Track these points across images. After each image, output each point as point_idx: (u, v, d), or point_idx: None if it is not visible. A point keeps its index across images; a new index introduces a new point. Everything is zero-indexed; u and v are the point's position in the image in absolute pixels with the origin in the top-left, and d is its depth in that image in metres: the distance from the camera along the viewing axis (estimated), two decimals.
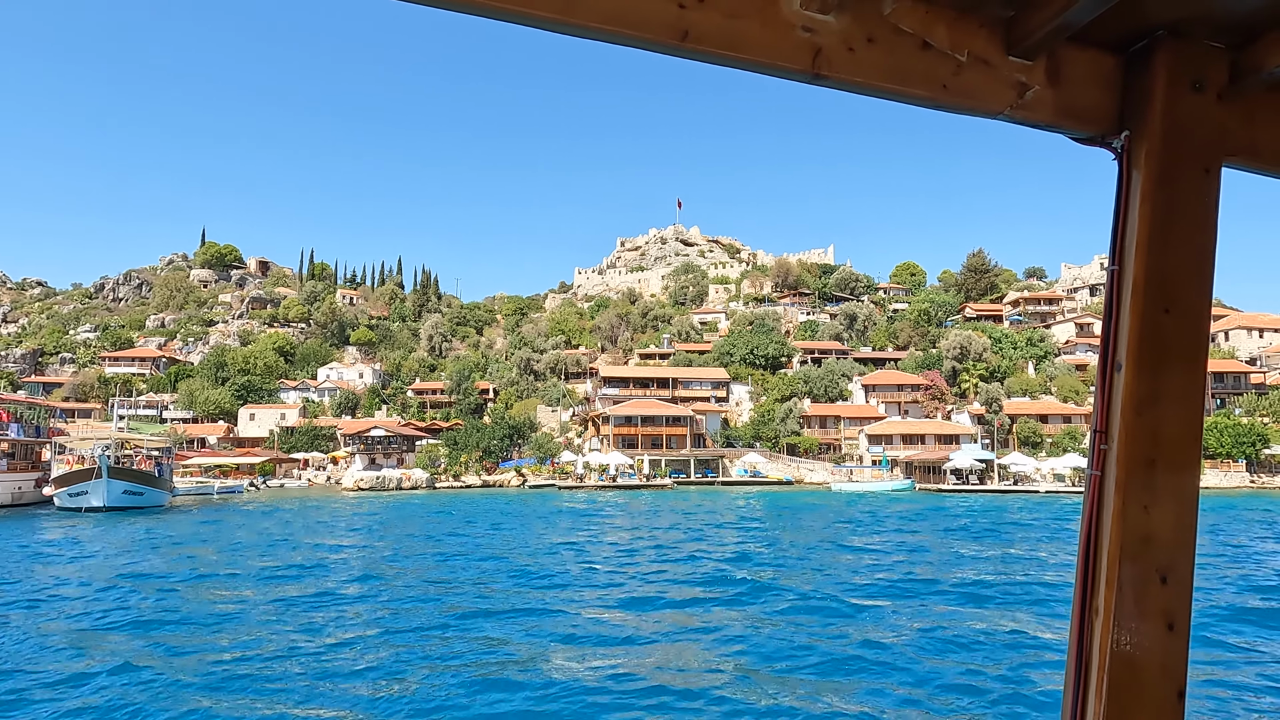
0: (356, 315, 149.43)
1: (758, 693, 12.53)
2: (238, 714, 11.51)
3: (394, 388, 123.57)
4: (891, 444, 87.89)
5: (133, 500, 50.48)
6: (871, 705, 11.98)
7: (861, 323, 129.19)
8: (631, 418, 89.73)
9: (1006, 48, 2.09)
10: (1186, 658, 2.00)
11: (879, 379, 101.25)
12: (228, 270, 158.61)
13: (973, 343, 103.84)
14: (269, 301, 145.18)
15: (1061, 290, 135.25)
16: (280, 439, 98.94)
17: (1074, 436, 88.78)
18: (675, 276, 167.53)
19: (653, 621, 17.70)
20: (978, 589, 21.72)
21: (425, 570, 25.87)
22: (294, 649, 15.30)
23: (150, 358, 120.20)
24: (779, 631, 16.69)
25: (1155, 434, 2.02)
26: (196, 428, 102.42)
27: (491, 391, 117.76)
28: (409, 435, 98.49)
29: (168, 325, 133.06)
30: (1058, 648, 15.22)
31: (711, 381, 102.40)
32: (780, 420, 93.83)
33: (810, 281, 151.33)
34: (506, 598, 20.66)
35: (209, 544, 33.41)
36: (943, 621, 17.61)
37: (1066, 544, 32.88)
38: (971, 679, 13.25)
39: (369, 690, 12.66)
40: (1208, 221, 2.12)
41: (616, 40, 1.79)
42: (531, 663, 14.11)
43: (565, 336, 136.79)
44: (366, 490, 71.51)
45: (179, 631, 16.89)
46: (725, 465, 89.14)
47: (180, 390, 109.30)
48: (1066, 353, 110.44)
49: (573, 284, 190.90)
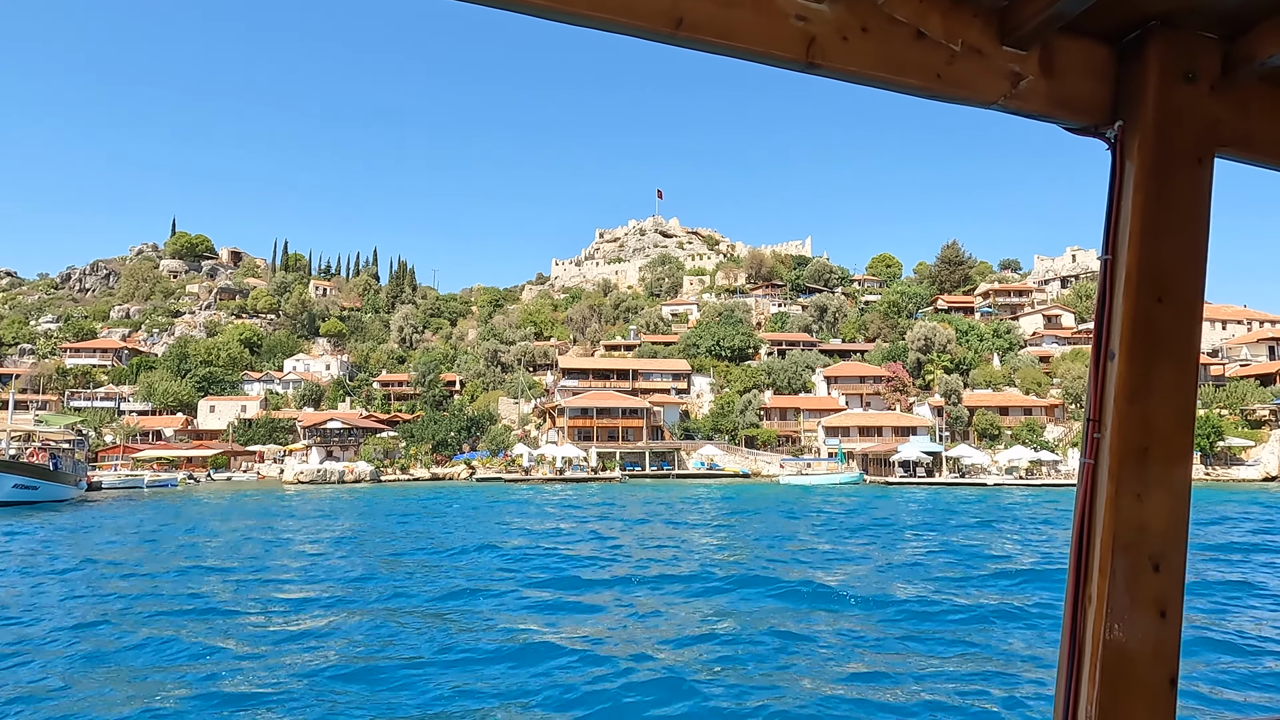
0: (328, 306, 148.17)
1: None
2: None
3: (359, 380, 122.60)
4: (848, 436, 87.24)
5: (25, 495, 48.79)
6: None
7: (832, 314, 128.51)
8: (588, 410, 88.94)
9: (1000, 37, 2.09)
10: (1179, 645, 2.02)
11: (841, 371, 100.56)
12: (199, 261, 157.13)
13: (937, 334, 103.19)
14: (238, 292, 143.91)
15: (1033, 282, 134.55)
16: (237, 432, 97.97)
17: (1033, 429, 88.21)
18: (652, 268, 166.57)
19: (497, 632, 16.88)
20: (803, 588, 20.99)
21: (277, 570, 25.06)
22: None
23: (112, 349, 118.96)
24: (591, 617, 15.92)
25: (1148, 422, 2.03)
26: (153, 420, 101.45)
27: (458, 383, 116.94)
28: (369, 428, 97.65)
29: (132, 316, 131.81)
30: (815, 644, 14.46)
31: (672, 373, 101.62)
32: (739, 412, 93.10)
33: (783, 273, 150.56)
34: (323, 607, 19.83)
35: (68, 544, 32.52)
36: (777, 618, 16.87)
37: (935, 541, 32.17)
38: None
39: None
40: (1200, 212, 2.12)
41: (610, 28, 1.80)
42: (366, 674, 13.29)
43: (535, 328, 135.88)
44: (306, 484, 70.58)
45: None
46: (682, 458, 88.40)
47: (139, 382, 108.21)
48: (1034, 344, 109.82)
49: (550, 276, 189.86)
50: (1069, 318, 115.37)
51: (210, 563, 26.00)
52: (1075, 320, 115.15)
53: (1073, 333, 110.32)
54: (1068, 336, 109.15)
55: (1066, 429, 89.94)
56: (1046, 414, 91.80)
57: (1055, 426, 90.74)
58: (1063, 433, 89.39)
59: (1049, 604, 18.65)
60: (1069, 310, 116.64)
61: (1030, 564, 25.21)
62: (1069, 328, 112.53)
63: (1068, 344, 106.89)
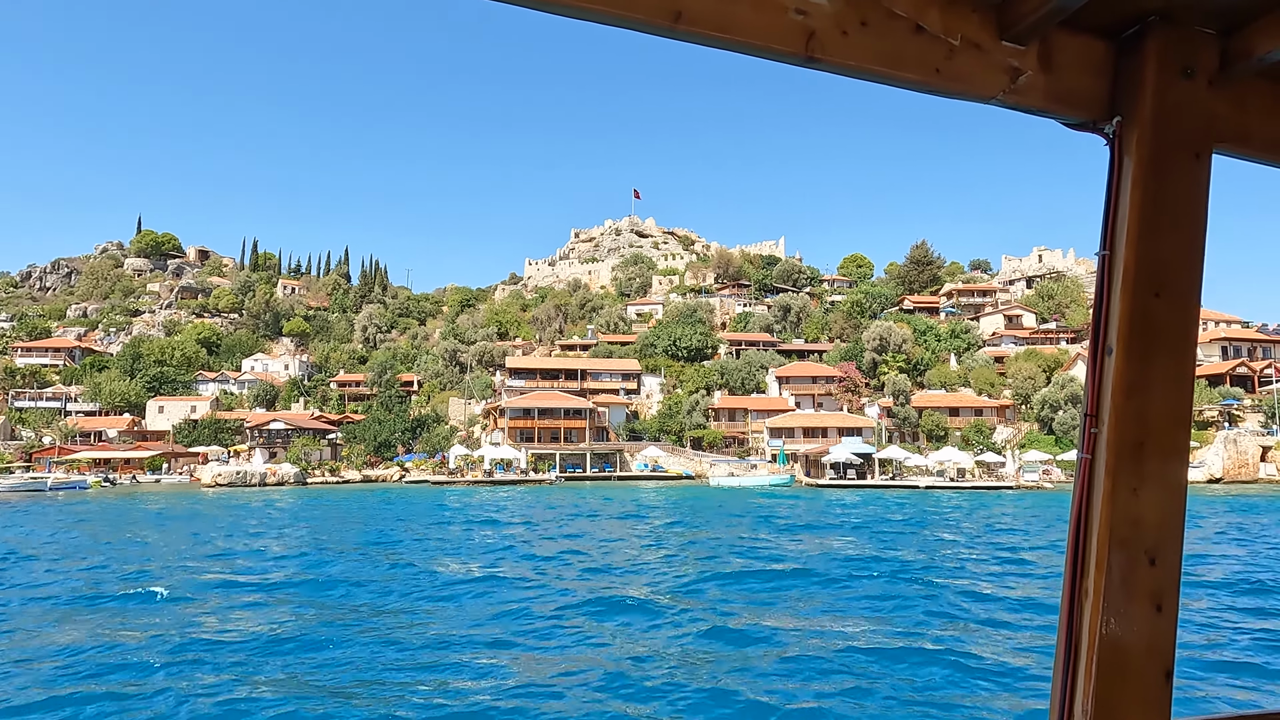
0: (293, 306, 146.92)
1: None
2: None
3: (316, 380, 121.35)
4: (793, 437, 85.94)
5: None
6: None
7: (795, 314, 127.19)
8: (529, 410, 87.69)
9: (999, 32, 2.09)
10: (1174, 639, 2.04)
11: (792, 371, 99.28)
12: (164, 259, 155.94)
13: (893, 334, 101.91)
14: (200, 291, 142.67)
15: (1000, 282, 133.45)
16: (182, 432, 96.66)
17: (981, 430, 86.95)
18: (624, 268, 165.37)
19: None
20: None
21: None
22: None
23: (66, 348, 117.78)
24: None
25: (1144, 417, 2.04)
26: (98, 421, 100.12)
27: (416, 384, 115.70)
28: (317, 429, 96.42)
29: (89, 315, 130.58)
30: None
31: (622, 373, 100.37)
32: (686, 413, 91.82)
33: (751, 273, 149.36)
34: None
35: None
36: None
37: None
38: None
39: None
40: (1198, 207, 2.13)
41: (608, 21, 1.80)
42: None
43: (498, 327, 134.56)
44: (224, 487, 69.21)
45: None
46: (626, 459, 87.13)
47: (86, 382, 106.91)
48: (992, 344, 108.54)
49: (523, 276, 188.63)
50: (1030, 318, 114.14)
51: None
52: (1036, 320, 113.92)
53: (1031, 333, 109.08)
54: (1026, 336, 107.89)
55: (1016, 430, 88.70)
56: (998, 415, 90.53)
57: (1005, 427, 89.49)
58: (1011, 434, 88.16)
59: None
60: (1030, 310, 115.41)
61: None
62: (1029, 328, 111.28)
63: (1025, 344, 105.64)
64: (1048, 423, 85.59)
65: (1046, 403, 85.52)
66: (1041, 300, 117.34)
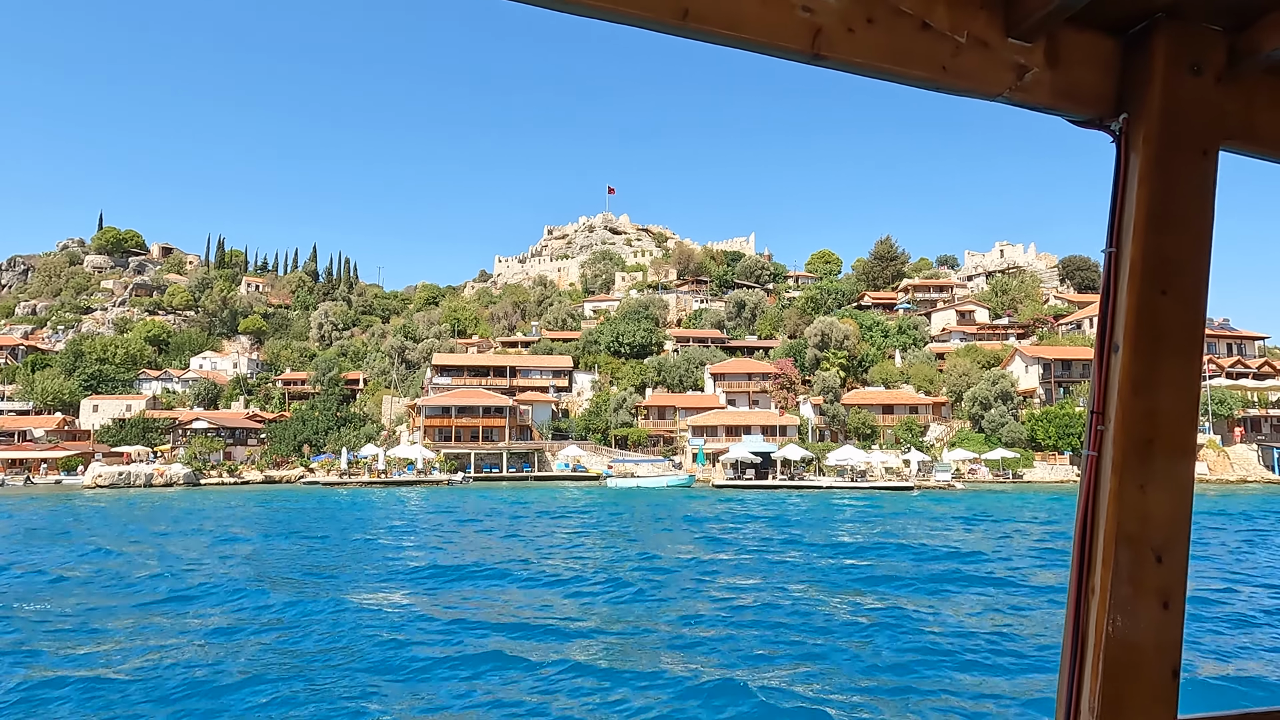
0: (252, 303, 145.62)
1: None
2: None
3: (261, 377, 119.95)
4: (715, 435, 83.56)
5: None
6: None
7: (750, 310, 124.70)
8: (448, 408, 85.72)
9: (1006, 29, 2.08)
10: (1181, 636, 2.04)
11: (728, 368, 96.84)
12: (126, 257, 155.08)
13: (834, 330, 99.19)
14: (155, 288, 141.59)
15: (961, 278, 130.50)
16: (109, 432, 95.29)
17: (911, 428, 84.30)
18: (591, 264, 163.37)
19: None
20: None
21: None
22: None
23: (9, 346, 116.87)
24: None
25: (1152, 415, 2.04)
26: (26, 420, 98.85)
27: (362, 381, 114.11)
28: (249, 428, 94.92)
29: (39, 313, 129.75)
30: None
31: (553, 370, 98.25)
32: (613, 410, 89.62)
33: (713, 269, 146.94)
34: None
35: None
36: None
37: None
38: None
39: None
40: (1205, 204, 2.13)
41: (616, 19, 1.80)
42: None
43: (456, 325, 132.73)
44: (106, 488, 67.51)
45: None
46: (547, 459, 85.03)
47: (20, 380, 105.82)
48: (942, 340, 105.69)
49: (493, 273, 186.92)
50: (983, 313, 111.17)
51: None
52: (990, 316, 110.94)
53: (980, 329, 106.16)
54: (975, 333, 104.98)
55: (949, 428, 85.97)
56: (934, 412, 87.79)
57: (939, 425, 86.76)
58: (944, 432, 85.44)
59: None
60: (983, 306, 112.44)
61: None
62: (980, 324, 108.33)
63: (976, 339, 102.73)
64: (978, 420, 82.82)
65: (977, 400, 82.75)
66: (995, 295, 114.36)
